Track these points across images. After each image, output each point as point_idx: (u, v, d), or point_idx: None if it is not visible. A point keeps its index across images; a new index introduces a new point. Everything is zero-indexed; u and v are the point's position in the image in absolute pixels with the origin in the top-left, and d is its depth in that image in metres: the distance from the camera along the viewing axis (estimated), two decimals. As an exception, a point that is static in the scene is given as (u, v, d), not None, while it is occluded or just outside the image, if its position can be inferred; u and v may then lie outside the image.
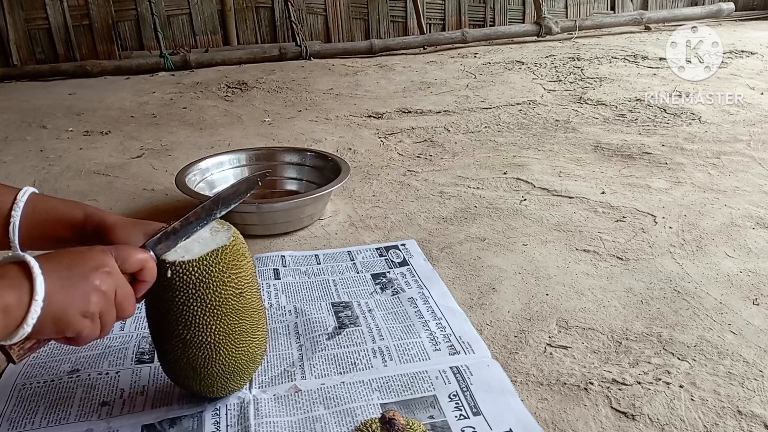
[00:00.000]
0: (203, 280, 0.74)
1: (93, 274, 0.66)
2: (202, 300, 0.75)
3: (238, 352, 0.79)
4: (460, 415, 0.82)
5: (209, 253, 0.75)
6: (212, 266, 0.75)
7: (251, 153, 1.65)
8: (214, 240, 0.78)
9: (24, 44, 3.45)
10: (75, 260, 0.67)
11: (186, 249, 0.76)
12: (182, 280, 0.74)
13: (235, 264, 0.77)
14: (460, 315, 1.05)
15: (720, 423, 0.81)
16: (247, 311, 0.79)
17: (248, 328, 0.80)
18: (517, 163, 1.80)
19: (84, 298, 0.65)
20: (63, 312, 0.63)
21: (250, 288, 0.80)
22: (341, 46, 3.64)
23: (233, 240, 0.78)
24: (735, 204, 1.47)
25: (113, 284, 0.68)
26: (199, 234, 0.79)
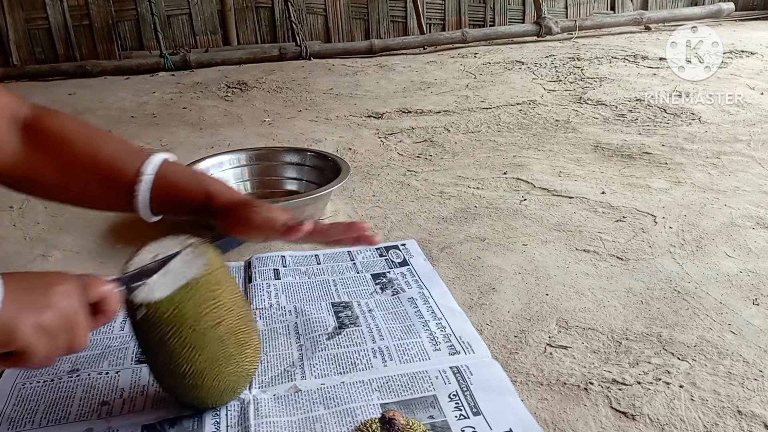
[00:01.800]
0: (176, 317, 0.71)
1: (52, 290, 0.63)
2: (178, 336, 0.72)
3: (227, 375, 0.78)
4: (460, 415, 0.82)
5: (179, 289, 0.72)
6: (184, 302, 0.72)
7: (251, 153, 1.65)
8: (185, 272, 0.73)
9: (24, 44, 3.45)
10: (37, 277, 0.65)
11: (157, 284, 0.72)
12: (154, 319, 0.71)
13: (209, 296, 0.74)
14: (460, 315, 1.05)
15: (720, 423, 0.81)
16: (231, 337, 0.77)
17: (234, 352, 0.77)
18: (517, 163, 1.80)
19: (40, 311, 0.62)
20: (13, 320, 0.60)
21: (230, 313, 0.76)
22: (341, 46, 3.64)
23: (207, 268, 0.74)
24: (735, 204, 1.47)
25: (70, 306, 0.64)
26: (171, 266, 0.74)
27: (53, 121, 0.80)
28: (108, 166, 0.80)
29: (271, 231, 0.82)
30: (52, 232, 1.44)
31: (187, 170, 0.85)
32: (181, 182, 0.81)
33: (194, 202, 0.82)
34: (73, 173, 0.80)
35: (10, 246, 1.38)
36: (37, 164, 0.79)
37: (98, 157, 0.80)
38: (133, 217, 1.50)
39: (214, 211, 0.81)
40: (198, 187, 0.81)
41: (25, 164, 0.78)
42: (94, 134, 0.82)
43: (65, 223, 1.48)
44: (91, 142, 0.80)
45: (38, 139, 0.79)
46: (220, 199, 0.82)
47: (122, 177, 0.80)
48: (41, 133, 0.79)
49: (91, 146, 0.80)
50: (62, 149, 0.79)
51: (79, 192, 0.83)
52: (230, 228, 0.81)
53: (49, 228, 1.46)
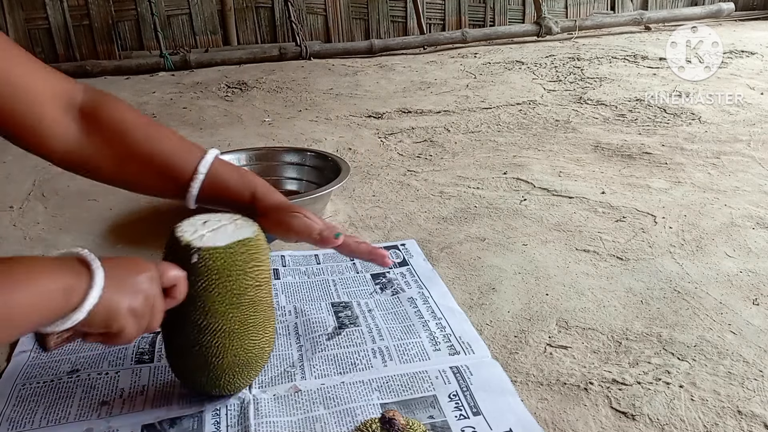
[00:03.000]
0: (227, 267, 0.76)
1: (142, 277, 0.69)
2: (223, 287, 0.76)
3: (251, 344, 0.80)
4: (460, 415, 0.82)
5: (235, 242, 0.77)
6: (237, 255, 0.76)
7: (251, 153, 1.65)
8: (239, 233, 0.79)
9: (24, 44, 3.44)
10: (126, 263, 0.71)
11: (211, 237, 0.77)
12: (207, 266, 0.75)
13: (257, 257, 0.79)
14: (459, 315, 1.05)
15: (720, 423, 0.81)
16: (262, 306, 0.81)
17: (261, 323, 0.81)
18: (517, 163, 1.80)
19: (134, 295, 0.68)
20: (115, 304, 0.66)
21: (267, 284, 0.81)
22: (341, 46, 3.64)
23: (257, 234, 0.80)
24: (735, 204, 1.47)
25: (153, 291, 0.70)
26: (224, 227, 0.80)
27: (113, 112, 0.83)
28: (165, 162, 0.84)
29: (306, 237, 0.88)
30: (52, 232, 1.44)
31: (235, 169, 0.89)
32: (230, 182, 0.86)
33: (240, 201, 0.87)
34: (130, 164, 0.84)
35: (10, 246, 1.38)
36: (94, 152, 0.82)
37: (156, 153, 0.84)
38: (133, 216, 1.51)
39: (257, 211, 0.87)
40: (245, 187, 0.86)
41: (81, 151, 0.82)
42: (153, 128, 0.86)
43: (65, 223, 1.48)
44: (150, 137, 0.84)
45: (97, 128, 0.81)
46: (264, 201, 0.87)
47: (179, 173, 0.84)
48: (100, 122, 0.82)
49: (149, 141, 0.84)
50: (121, 141, 0.83)
51: (133, 180, 0.87)
52: (270, 228, 0.85)
53: (49, 228, 1.46)
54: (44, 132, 0.79)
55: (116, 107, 0.84)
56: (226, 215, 0.83)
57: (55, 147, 0.80)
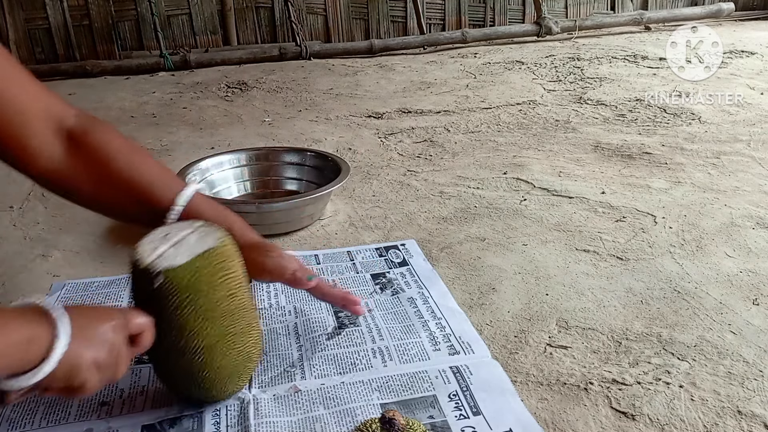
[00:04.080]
0: (193, 284, 0.73)
1: (106, 326, 0.67)
2: (192, 305, 0.73)
3: (234, 354, 0.79)
4: (460, 415, 0.82)
5: (198, 255, 0.74)
6: (202, 270, 0.74)
7: (251, 153, 1.65)
8: (202, 243, 0.76)
9: (24, 44, 3.44)
10: (91, 312, 0.69)
11: (173, 255, 0.74)
12: (173, 285, 0.72)
13: (224, 266, 0.76)
14: (459, 315, 1.05)
15: (720, 423, 0.81)
16: (240, 312, 0.78)
17: (242, 329, 0.79)
18: (517, 163, 1.80)
19: (98, 347, 0.66)
20: (78, 357, 0.63)
21: (242, 289, 0.79)
22: (341, 46, 3.64)
23: (221, 241, 0.77)
24: (735, 204, 1.47)
25: (120, 342, 0.69)
26: (185, 238, 0.77)
27: (99, 137, 0.83)
28: (144, 191, 0.84)
29: (279, 277, 0.88)
30: (52, 232, 1.44)
31: (213, 205, 0.89)
32: (206, 217, 0.84)
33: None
34: (109, 190, 0.83)
35: (10, 246, 1.38)
36: (76, 175, 0.82)
37: (137, 180, 0.83)
38: (133, 217, 1.51)
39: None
40: (222, 224, 0.84)
41: (64, 172, 0.81)
42: (136, 156, 0.85)
43: (65, 223, 1.48)
44: (132, 164, 0.84)
45: (81, 152, 0.82)
46: (240, 240, 0.85)
47: (156, 204, 0.83)
48: (85, 146, 0.82)
49: (131, 168, 0.84)
50: (103, 166, 0.83)
51: (111, 207, 0.87)
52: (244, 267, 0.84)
53: (49, 228, 1.46)
54: (32, 151, 0.79)
55: (104, 132, 0.84)
56: (187, 223, 0.81)
57: (39, 166, 0.80)
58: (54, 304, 0.64)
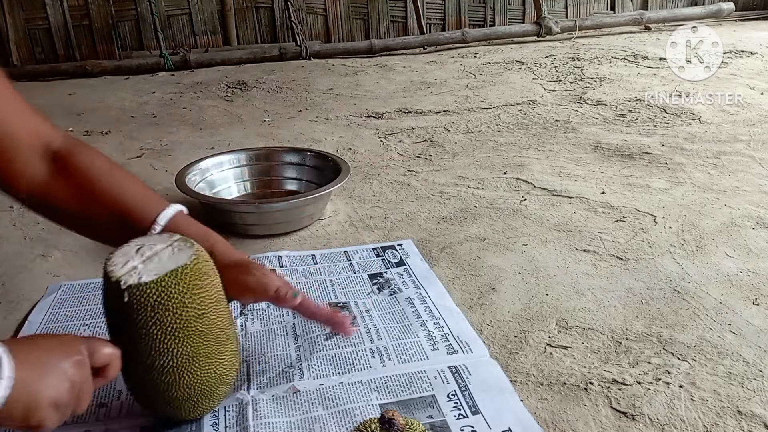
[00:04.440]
0: (161, 302, 0.71)
1: (67, 362, 0.65)
2: (161, 323, 0.71)
3: (204, 375, 0.76)
4: (459, 415, 0.82)
5: (168, 273, 0.72)
6: (171, 287, 0.72)
7: (251, 153, 1.65)
8: (174, 259, 0.74)
9: (24, 44, 3.44)
10: (51, 345, 0.66)
11: (143, 270, 0.73)
12: (140, 303, 0.71)
13: (196, 284, 0.74)
14: (457, 314, 1.05)
15: (720, 423, 0.81)
16: (212, 332, 0.76)
17: (214, 350, 0.76)
18: (517, 163, 1.80)
19: (57, 386, 0.63)
20: (35, 397, 0.61)
21: (215, 308, 0.76)
22: (341, 46, 3.63)
23: (194, 258, 0.75)
24: (735, 204, 1.47)
25: (82, 378, 0.66)
26: (159, 253, 0.75)
27: (84, 158, 0.84)
28: (126, 211, 0.84)
29: (262, 295, 0.86)
30: (52, 232, 1.43)
31: (195, 225, 0.88)
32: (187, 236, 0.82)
33: None
34: (93, 212, 0.84)
35: (10, 246, 1.38)
36: (61, 196, 0.82)
37: (119, 201, 0.84)
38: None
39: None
40: (203, 243, 0.82)
41: (49, 193, 0.82)
42: (118, 177, 0.86)
43: (64, 223, 1.48)
44: (114, 185, 0.84)
45: (65, 173, 0.82)
46: (221, 258, 0.85)
47: (138, 223, 0.83)
48: (70, 167, 0.82)
49: (113, 189, 0.84)
50: (87, 187, 0.83)
51: (95, 227, 0.86)
52: (226, 286, 0.82)
53: (49, 228, 1.46)
54: (17, 172, 0.79)
55: (88, 154, 0.85)
56: (163, 236, 0.79)
57: (25, 187, 0.81)
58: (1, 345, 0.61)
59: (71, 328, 1.03)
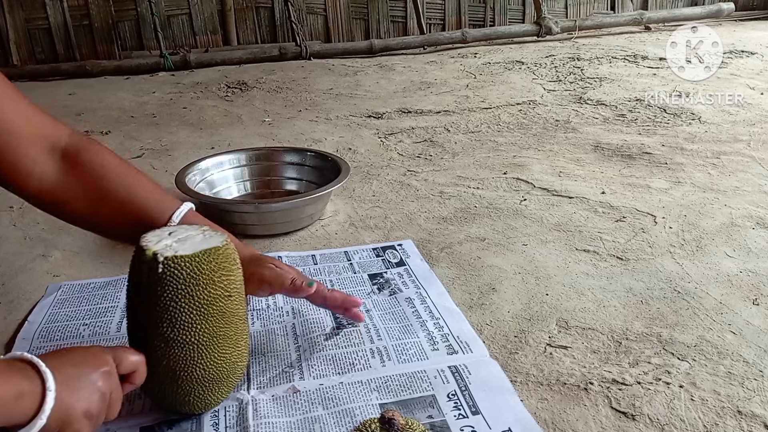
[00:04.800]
0: (193, 276, 0.74)
1: (96, 374, 0.67)
2: (190, 297, 0.74)
3: (221, 358, 0.78)
4: (459, 415, 0.82)
5: (201, 251, 0.75)
6: (203, 264, 0.75)
7: (251, 153, 1.65)
8: (206, 242, 0.77)
9: (24, 44, 3.45)
10: (79, 359, 0.68)
11: (178, 247, 0.76)
12: (173, 275, 0.73)
13: (225, 266, 0.77)
14: (457, 315, 1.05)
15: (720, 423, 0.81)
16: (233, 317, 0.78)
17: (232, 335, 0.79)
18: (517, 163, 1.80)
19: (88, 398, 0.65)
20: (69, 409, 0.63)
21: (238, 294, 0.79)
22: (341, 46, 3.64)
23: (225, 244, 0.78)
24: (735, 204, 1.47)
25: (111, 387, 0.68)
26: (191, 237, 0.78)
27: (94, 156, 0.84)
28: (140, 211, 0.84)
29: (279, 288, 0.89)
30: (52, 232, 1.43)
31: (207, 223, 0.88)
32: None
33: None
34: (105, 209, 0.84)
35: (10, 246, 1.38)
36: (71, 194, 0.83)
37: (132, 201, 0.84)
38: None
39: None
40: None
41: (58, 192, 0.82)
42: (131, 176, 0.86)
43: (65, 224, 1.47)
44: (127, 185, 0.85)
45: (76, 170, 0.82)
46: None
47: (152, 221, 0.84)
48: (80, 164, 0.83)
49: (126, 188, 0.84)
50: (99, 186, 0.83)
51: (106, 225, 0.87)
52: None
53: (49, 228, 1.46)
54: (25, 171, 0.80)
55: (98, 152, 0.85)
56: (194, 226, 0.82)
57: (33, 187, 0.81)
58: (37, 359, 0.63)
59: (71, 328, 1.03)
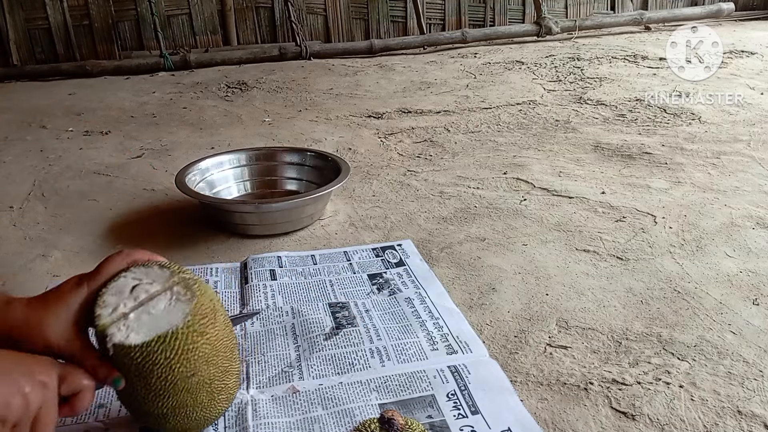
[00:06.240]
0: (146, 365, 0.68)
1: (25, 378, 0.59)
2: (146, 382, 0.69)
3: (193, 419, 0.74)
4: (458, 415, 0.82)
5: (155, 339, 0.68)
6: (157, 354, 0.68)
7: (251, 153, 1.65)
8: (168, 315, 0.70)
9: (24, 44, 3.44)
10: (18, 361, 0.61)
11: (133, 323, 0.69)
12: (122, 362, 0.68)
13: (187, 347, 0.69)
14: (457, 315, 1.05)
15: (720, 423, 0.81)
16: (204, 387, 0.73)
17: (205, 400, 0.74)
18: (517, 163, 1.80)
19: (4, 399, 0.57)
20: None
21: (207, 365, 0.72)
22: (341, 46, 3.63)
23: (189, 321, 0.69)
24: (735, 204, 1.47)
25: (40, 399, 0.60)
26: (155, 300, 0.71)
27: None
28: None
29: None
30: (52, 232, 1.43)
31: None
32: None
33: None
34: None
35: (10, 246, 1.38)
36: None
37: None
38: (133, 216, 1.51)
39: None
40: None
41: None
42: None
43: (65, 223, 1.48)
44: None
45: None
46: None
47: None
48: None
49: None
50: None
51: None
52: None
53: (49, 228, 1.46)
54: None
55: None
56: (165, 273, 0.74)
57: None
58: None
59: (71, 328, 1.03)
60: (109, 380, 0.69)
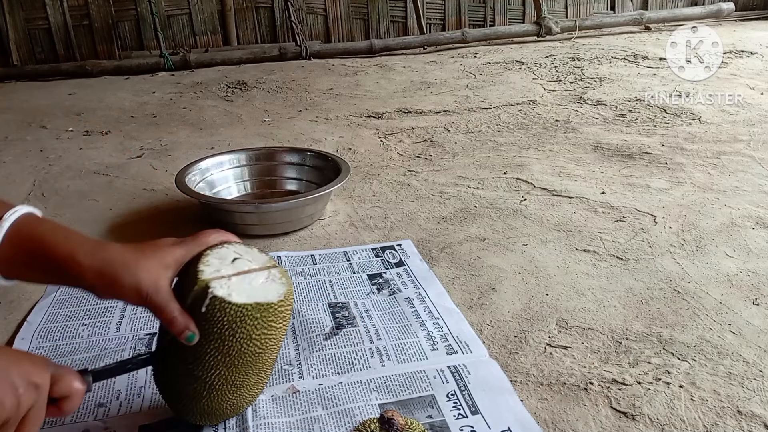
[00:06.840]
0: (233, 327, 0.70)
1: (19, 378, 0.59)
2: (221, 343, 0.71)
3: (227, 402, 0.77)
4: (458, 415, 0.82)
5: (253, 304, 0.71)
6: (248, 318, 0.70)
7: (251, 153, 1.65)
8: (264, 290, 0.73)
9: (24, 44, 3.44)
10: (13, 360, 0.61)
11: (233, 286, 0.71)
12: (213, 317, 0.70)
13: (269, 324, 0.73)
14: (457, 315, 1.05)
15: (720, 423, 0.81)
16: (256, 371, 0.76)
17: (250, 384, 0.77)
18: (517, 163, 1.79)
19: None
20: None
21: (271, 351, 0.76)
22: (341, 46, 3.63)
23: (281, 300, 0.73)
24: (735, 204, 1.47)
25: (32, 400, 0.60)
26: (254, 274, 0.74)
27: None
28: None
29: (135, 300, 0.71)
30: (51, 232, 1.43)
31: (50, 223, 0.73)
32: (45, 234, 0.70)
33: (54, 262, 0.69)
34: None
35: (8, 246, 1.37)
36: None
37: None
38: (133, 216, 1.51)
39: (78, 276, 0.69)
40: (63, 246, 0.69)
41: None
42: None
43: (65, 223, 1.48)
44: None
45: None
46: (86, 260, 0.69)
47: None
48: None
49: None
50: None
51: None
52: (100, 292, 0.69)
53: (48, 228, 1.45)
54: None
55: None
56: (264, 257, 0.77)
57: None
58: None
59: (71, 328, 1.03)
60: (185, 333, 0.70)
